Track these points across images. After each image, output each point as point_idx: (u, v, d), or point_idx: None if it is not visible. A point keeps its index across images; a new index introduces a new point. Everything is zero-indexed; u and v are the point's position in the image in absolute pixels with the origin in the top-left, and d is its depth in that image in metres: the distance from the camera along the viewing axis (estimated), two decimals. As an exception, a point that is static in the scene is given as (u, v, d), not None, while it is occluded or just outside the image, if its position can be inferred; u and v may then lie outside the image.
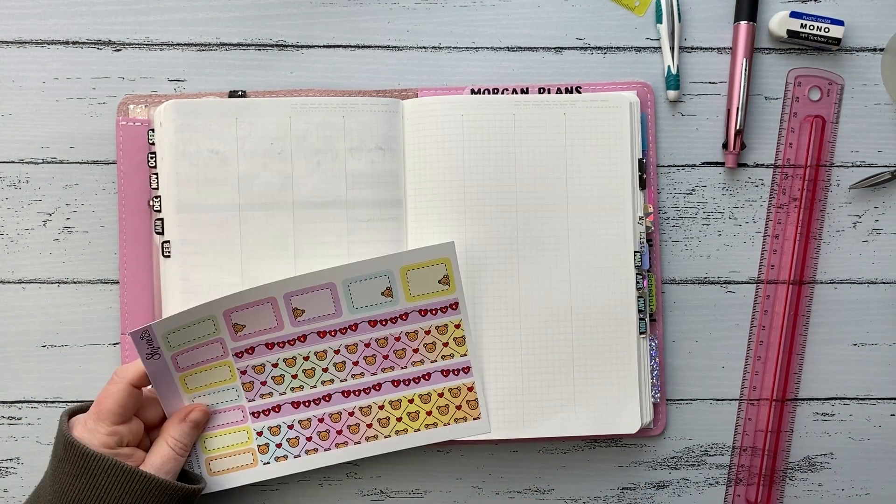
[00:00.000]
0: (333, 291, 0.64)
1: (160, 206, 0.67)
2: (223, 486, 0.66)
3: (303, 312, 0.64)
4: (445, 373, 0.67)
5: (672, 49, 0.70)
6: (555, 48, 0.71)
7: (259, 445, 0.66)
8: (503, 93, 0.70)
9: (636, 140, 0.69)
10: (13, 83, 0.69)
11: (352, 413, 0.66)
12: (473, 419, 0.67)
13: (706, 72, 0.71)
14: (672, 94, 0.70)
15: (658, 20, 0.71)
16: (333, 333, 0.65)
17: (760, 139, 0.71)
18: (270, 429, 0.66)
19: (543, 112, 0.68)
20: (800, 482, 0.72)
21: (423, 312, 0.65)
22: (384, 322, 0.65)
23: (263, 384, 0.65)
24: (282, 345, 0.65)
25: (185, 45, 0.70)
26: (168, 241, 0.66)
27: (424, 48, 0.71)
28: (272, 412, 0.66)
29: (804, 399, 0.72)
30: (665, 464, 0.71)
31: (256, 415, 0.66)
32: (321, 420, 0.66)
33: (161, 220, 0.67)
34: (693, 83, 0.71)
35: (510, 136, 0.68)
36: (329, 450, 0.67)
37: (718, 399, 0.71)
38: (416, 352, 0.66)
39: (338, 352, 0.65)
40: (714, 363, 0.71)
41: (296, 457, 0.67)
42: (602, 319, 0.68)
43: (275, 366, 0.65)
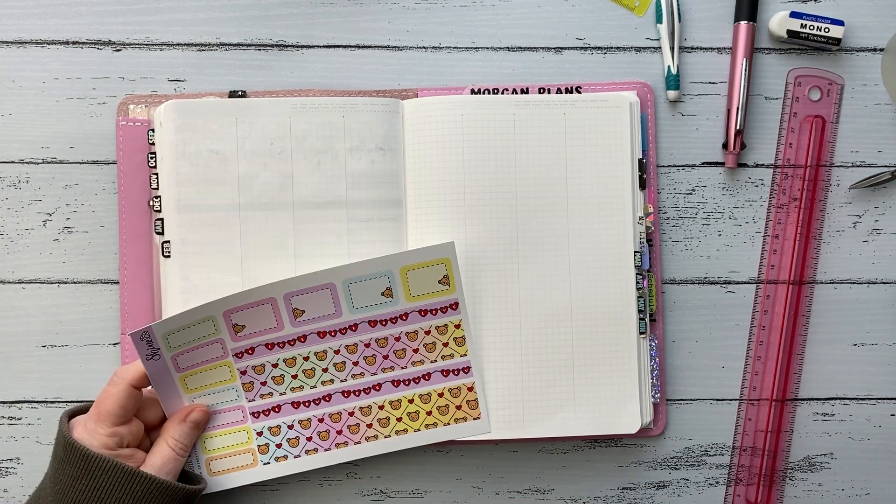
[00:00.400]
0: (333, 291, 0.64)
1: (160, 206, 0.67)
2: (223, 487, 0.66)
3: (303, 312, 0.64)
4: (445, 373, 0.67)
5: (672, 49, 0.70)
6: (555, 48, 0.71)
7: (259, 445, 0.66)
8: (503, 93, 0.69)
9: (636, 140, 0.69)
10: (13, 83, 0.69)
11: (352, 413, 0.66)
12: (473, 419, 0.67)
13: (706, 72, 0.71)
14: (672, 94, 0.70)
15: (658, 20, 0.71)
16: (333, 333, 0.65)
17: (760, 139, 0.71)
18: (270, 429, 0.66)
19: (543, 112, 0.68)
20: (800, 482, 0.72)
21: (423, 312, 0.65)
22: (384, 322, 0.65)
23: (263, 384, 0.65)
24: (282, 345, 0.65)
25: (185, 45, 0.70)
26: (168, 241, 0.66)
27: (424, 48, 0.71)
28: (272, 412, 0.66)
29: (804, 399, 0.72)
30: (665, 464, 0.71)
31: (256, 415, 0.66)
32: (321, 420, 0.66)
33: (161, 220, 0.67)
34: (693, 83, 0.71)
35: (510, 136, 0.68)
36: (329, 450, 0.67)
37: (718, 399, 0.71)
38: (416, 352, 0.66)
39: (338, 352, 0.65)
40: (714, 363, 0.71)
41: (296, 457, 0.67)
42: (602, 319, 0.68)
43: (275, 366, 0.65)
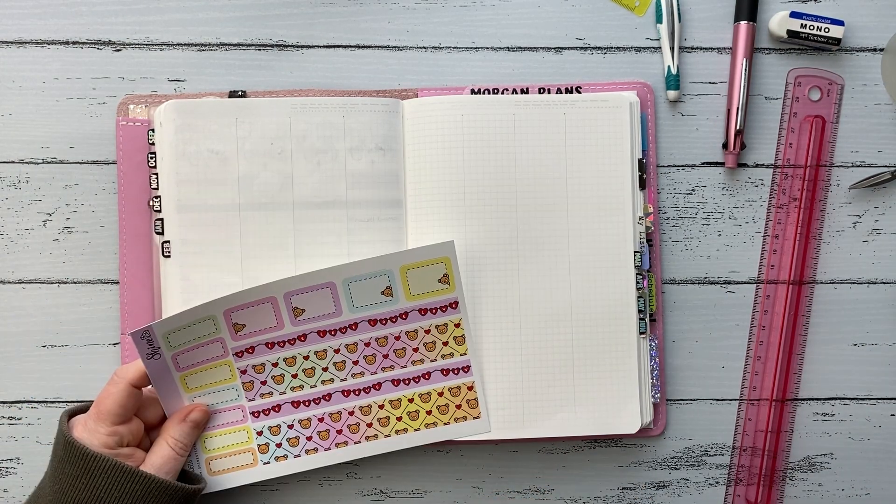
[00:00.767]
0: (333, 291, 0.64)
1: (160, 206, 0.67)
2: (223, 486, 0.66)
3: (303, 312, 0.64)
4: (445, 372, 0.67)
5: (672, 49, 0.70)
6: (555, 48, 0.71)
7: (259, 445, 0.66)
8: (503, 93, 0.70)
9: (636, 140, 0.69)
10: (13, 83, 0.69)
11: (352, 412, 0.66)
12: (473, 418, 0.67)
13: (706, 72, 0.71)
14: (672, 94, 0.70)
15: (658, 20, 0.71)
16: (333, 333, 0.65)
17: (760, 139, 0.71)
18: (270, 428, 0.66)
19: (543, 112, 0.68)
20: (800, 482, 0.72)
21: (423, 311, 0.65)
22: (384, 321, 0.65)
23: (263, 384, 0.65)
24: (282, 344, 0.65)
25: (185, 45, 0.70)
26: (168, 241, 0.66)
27: (424, 48, 0.71)
28: (272, 412, 0.66)
29: (804, 399, 0.72)
30: (665, 464, 0.71)
31: (256, 414, 0.66)
32: (321, 420, 0.66)
33: (161, 220, 0.67)
34: (693, 83, 0.71)
35: (510, 136, 0.68)
36: (329, 449, 0.67)
37: (718, 399, 0.71)
38: (416, 351, 0.66)
39: (338, 351, 0.65)
40: (714, 363, 0.71)
41: (296, 456, 0.67)
42: (602, 319, 0.68)
43: (275, 365, 0.65)
